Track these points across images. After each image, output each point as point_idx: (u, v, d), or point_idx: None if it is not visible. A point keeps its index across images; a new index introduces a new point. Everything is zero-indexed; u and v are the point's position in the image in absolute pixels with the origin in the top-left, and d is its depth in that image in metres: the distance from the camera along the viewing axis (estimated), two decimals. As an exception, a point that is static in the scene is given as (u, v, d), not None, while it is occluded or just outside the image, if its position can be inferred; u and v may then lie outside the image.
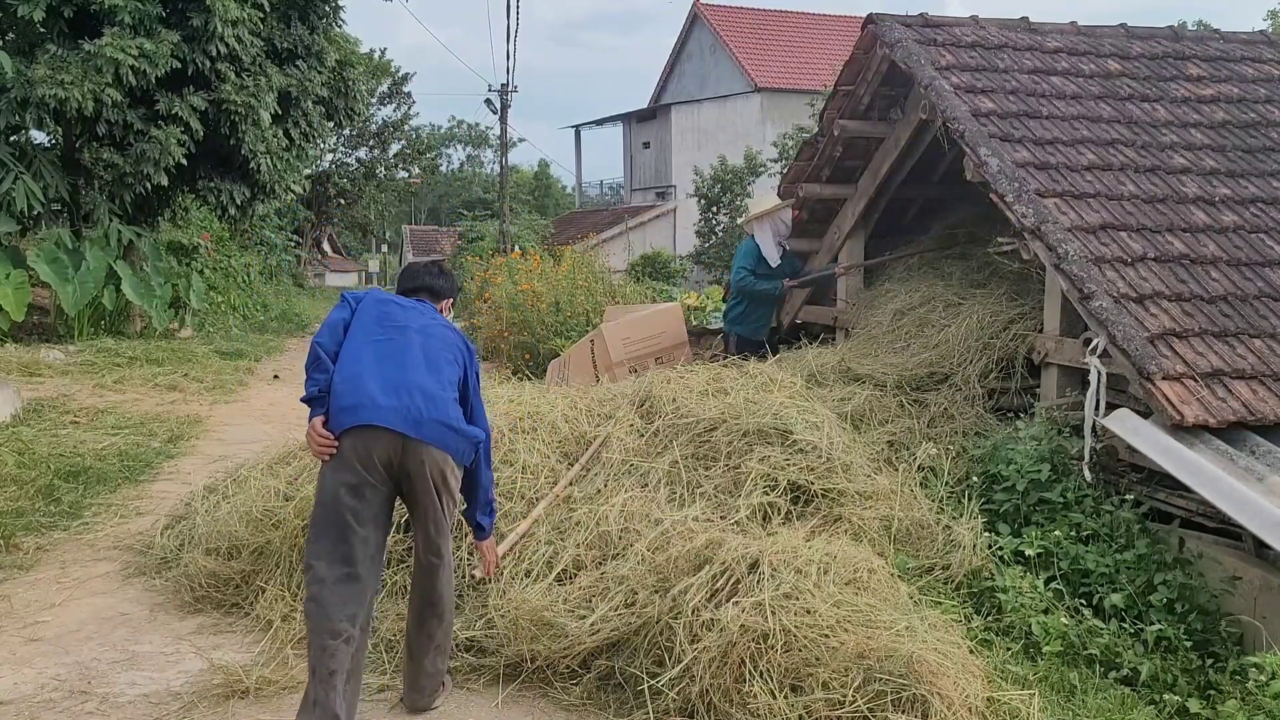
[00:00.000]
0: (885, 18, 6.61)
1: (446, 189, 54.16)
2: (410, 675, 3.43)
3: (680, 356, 7.27)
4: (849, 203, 7.51)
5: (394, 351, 3.33)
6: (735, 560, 3.47)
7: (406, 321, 3.44)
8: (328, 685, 3.06)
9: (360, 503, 3.18)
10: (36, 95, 10.65)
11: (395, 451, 3.20)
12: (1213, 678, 3.73)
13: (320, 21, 13.96)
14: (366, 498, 3.19)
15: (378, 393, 3.21)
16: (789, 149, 23.18)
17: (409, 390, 3.24)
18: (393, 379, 3.26)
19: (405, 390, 3.24)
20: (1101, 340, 4.75)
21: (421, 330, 3.44)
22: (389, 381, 3.25)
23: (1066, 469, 4.74)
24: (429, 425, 3.23)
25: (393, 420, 3.19)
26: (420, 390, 3.26)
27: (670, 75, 38.02)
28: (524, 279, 13.44)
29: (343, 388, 3.25)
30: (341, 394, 3.24)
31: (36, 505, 5.53)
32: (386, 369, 3.28)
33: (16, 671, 3.68)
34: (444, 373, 3.37)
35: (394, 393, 3.23)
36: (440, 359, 3.40)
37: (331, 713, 3.04)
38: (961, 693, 3.04)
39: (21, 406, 7.64)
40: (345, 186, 35.91)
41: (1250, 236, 5.50)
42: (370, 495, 3.20)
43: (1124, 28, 7.28)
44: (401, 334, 3.39)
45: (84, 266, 11.81)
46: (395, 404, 3.21)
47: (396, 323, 3.43)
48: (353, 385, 3.24)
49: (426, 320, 3.51)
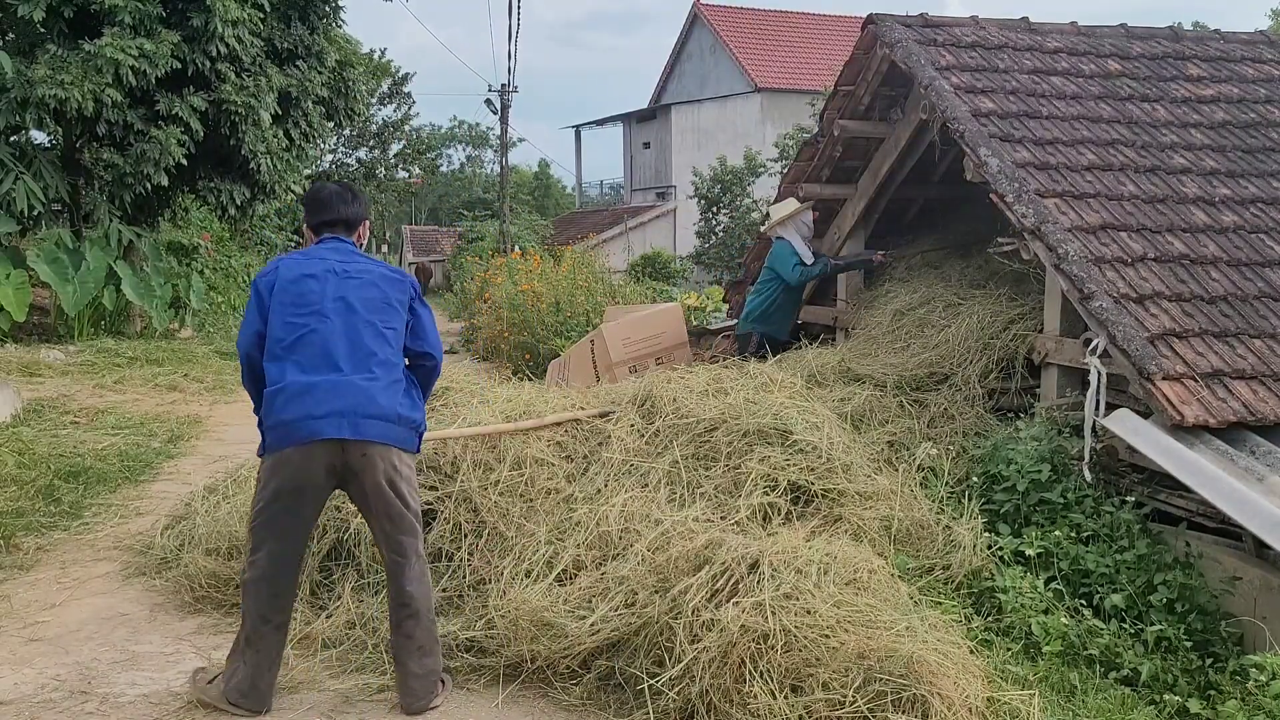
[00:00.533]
0: (885, 18, 6.61)
1: (446, 189, 54.14)
2: (399, 679, 3.39)
3: (680, 357, 7.27)
4: (849, 203, 7.51)
5: (319, 347, 3.22)
6: (735, 560, 3.47)
7: (323, 296, 3.27)
8: (254, 657, 3.30)
9: (303, 505, 3.26)
10: (36, 95, 10.65)
11: (337, 456, 3.20)
12: (1213, 678, 3.73)
13: (320, 22, 13.96)
14: (309, 499, 3.26)
15: (312, 404, 3.16)
16: (789, 149, 23.19)
17: (340, 391, 3.18)
18: (323, 383, 3.18)
19: (337, 392, 3.17)
20: (1101, 340, 4.75)
21: (341, 300, 3.27)
22: (319, 387, 3.17)
23: (1067, 469, 4.74)
24: (368, 423, 3.19)
25: (330, 429, 3.15)
26: (353, 387, 3.19)
27: (670, 75, 38.03)
28: (524, 279, 13.45)
29: (278, 400, 3.19)
30: (277, 406, 3.19)
31: (36, 505, 5.52)
32: (315, 372, 3.20)
33: (16, 671, 3.68)
34: (377, 342, 3.27)
35: (327, 397, 3.16)
36: (370, 326, 3.28)
37: (252, 682, 3.29)
38: (962, 693, 3.04)
39: (21, 406, 7.64)
40: (345, 186, 35.86)
41: (1250, 236, 5.51)
42: (313, 496, 3.27)
43: (1124, 28, 7.28)
44: (322, 321, 3.24)
45: (84, 266, 11.81)
46: (330, 409, 3.15)
47: (313, 307, 3.26)
48: (285, 399, 3.18)
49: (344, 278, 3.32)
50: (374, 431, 3.20)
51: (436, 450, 4.41)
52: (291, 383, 3.19)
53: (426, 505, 4.26)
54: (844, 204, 7.58)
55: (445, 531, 4.17)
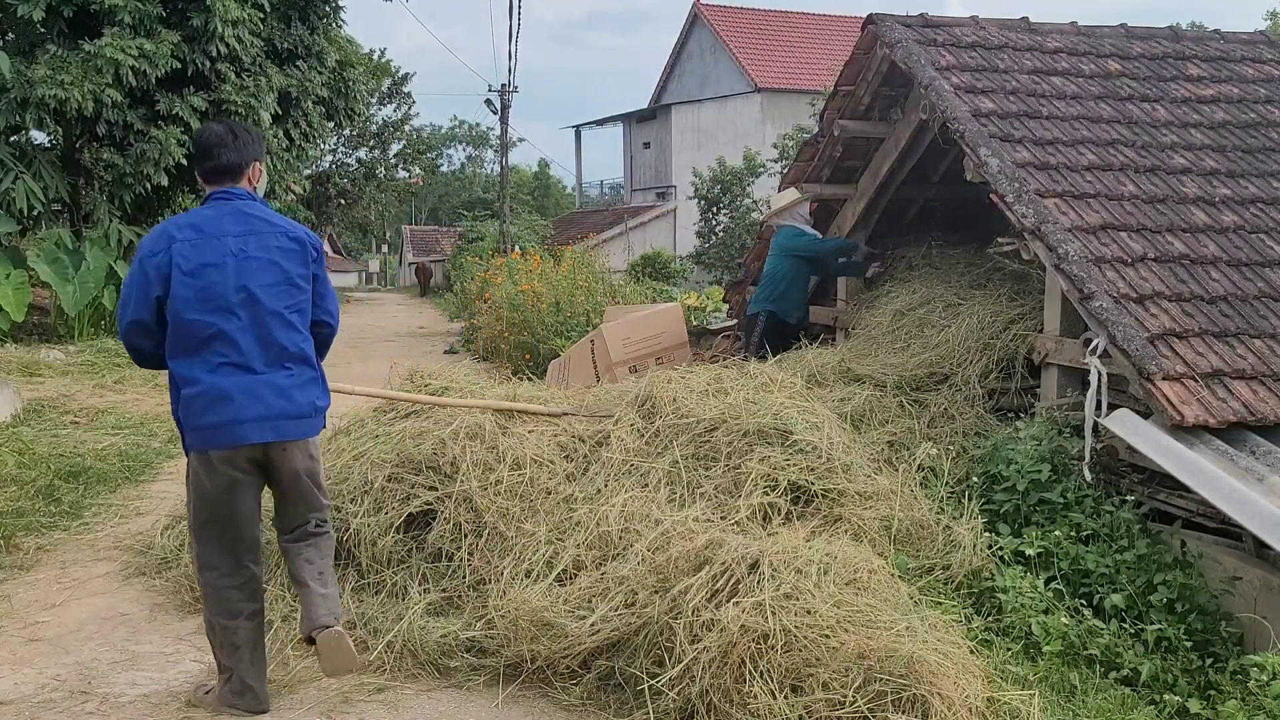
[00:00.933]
0: (885, 18, 6.60)
1: (446, 189, 54.14)
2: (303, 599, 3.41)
3: (680, 357, 7.27)
4: (849, 203, 7.51)
5: (231, 347, 3.19)
6: (735, 560, 3.47)
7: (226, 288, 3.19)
8: (235, 657, 3.30)
9: (238, 498, 3.30)
10: (36, 95, 10.66)
11: (259, 452, 3.28)
12: (1213, 678, 3.73)
13: (320, 22, 13.98)
14: (243, 493, 3.31)
15: (233, 410, 3.18)
16: (789, 149, 23.19)
17: (260, 395, 3.21)
18: (242, 385, 3.19)
19: (258, 396, 3.20)
20: (1101, 340, 4.75)
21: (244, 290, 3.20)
22: (239, 391, 3.18)
23: (1067, 469, 4.74)
24: (288, 424, 3.27)
25: (254, 435, 3.21)
26: (271, 389, 3.23)
27: (670, 75, 38.03)
28: (524, 279, 13.44)
29: (198, 404, 3.19)
30: (198, 412, 3.20)
31: (36, 505, 5.53)
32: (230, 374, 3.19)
33: (16, 671, 3.68)
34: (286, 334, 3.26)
35: (248, 402, 3.19)
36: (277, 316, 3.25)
37: (243, 682, 3.29)
38: (962, 693, 3.04)
39: (21, 406, 7.64)
40: (345, 187, 35.91)
41: (1250, 236, 5.50)
42: (246, 488, 3.32)
43: (1124, 28, 7.28)
44: (229, 319, 3.19)
45: (84, 266, 11.82)
46: (253, 414, 3.20)
47: (218, 303, 3.19)
48: (205, 404, 3.19)
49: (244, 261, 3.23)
50: (294, 431, 3.29)
51: (436, 450, 4.41)
52: (210, 387, 3.19)
53: (426, 505, 4.26)
54: (844, 204, 7.58)
55: (445, 531, 4.17)
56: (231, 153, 3.36)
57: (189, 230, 3.26)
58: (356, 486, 4.31)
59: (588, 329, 10.29)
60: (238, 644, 3.29)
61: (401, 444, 4.47)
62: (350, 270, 50.35)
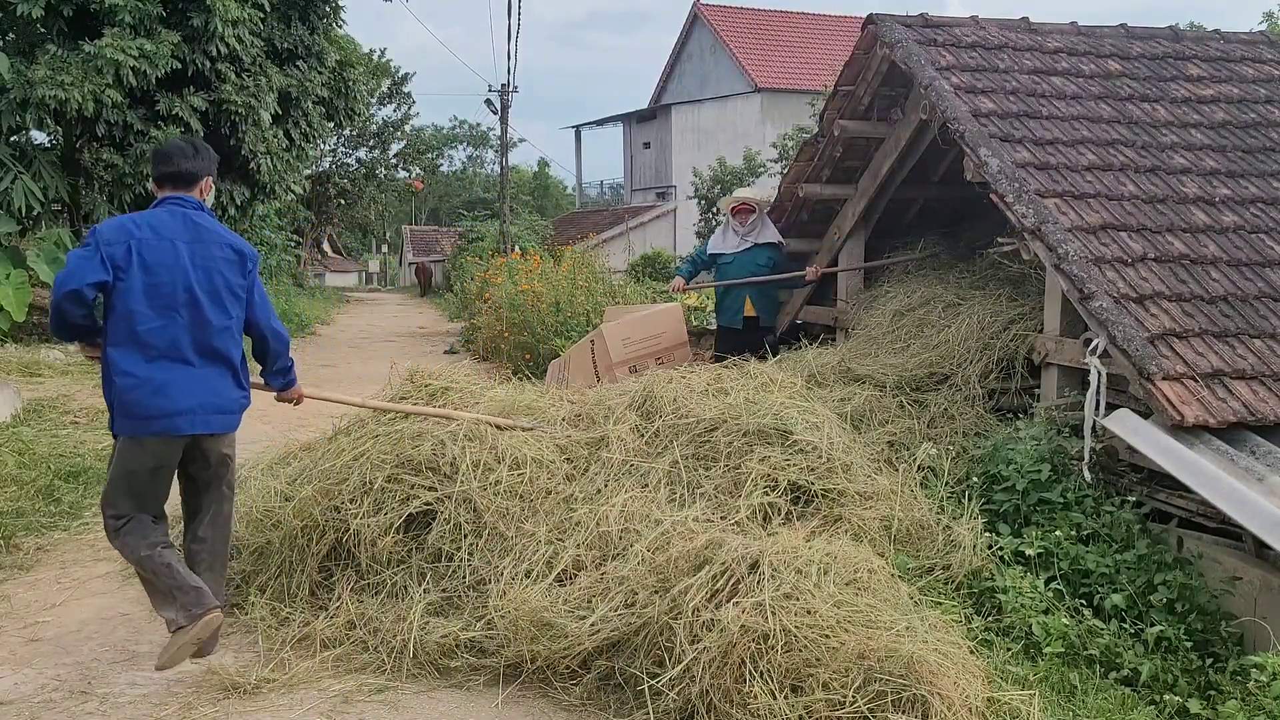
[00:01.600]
0: (885, 18, 6.60)
1: (446, 189, 54.13)
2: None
3: (680, 357, 7.27)
4: (849, 203, 7.51)
5: (171, 343, 3.50)
6: (735, 560, 3.47)
7: (175, 289, 3.49)
8: (170, 575, 3.49)
9: (159, 479, 3.63)
10: (36, 96, 10.65)
11: (187, 440, 3.62)
12: (1213, 678, 3.73)
13: (320, 22, 13.98)
14: (165, 475, 3.64)
15: (166, 402, 3.49)
16: (789, 149, 23.17)
17: (193, 389, 3.54)
18: (177, 379, 3.51)
19: (190, 390, 3.53)
20: (1101, 340, 4.75)
21: (189, 293, 3.51)
22: (174, 384, 3.50)
23: (1067, 469, 4.74)
24: (216, 418, 3.63)
25: (185, 426, 3.55)
26: (203, 385, 3.56)
27: (670, 75, 38.04)
28: (524, 279, 13.44)
29: (135, 394, 3.47)
30: (134, 401, 3.47)
31: (36, 505, 5.53)
32: (168, 367, 3.50)
33: (16, 671, 3.68)
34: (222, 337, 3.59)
35: (181, 395, 3.51)
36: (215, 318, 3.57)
37: (188, 584, 3.48)
38: (962, 693, 3.04)
39: (21, 406, 7.64)
40: (345, 187, 35.93)
41: (1250, 237, 5.50)
42: (168, 471, 3.65)
43: (1124, 28, 7.28)
44: (173, 318, 3.50)
45: (84, 267, 11.79)
46: (185, 406, 3.52)
47: (166, 301, 3.49)
48: (143, 395, 3.47)
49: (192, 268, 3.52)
50: (220, 425, 3.66)
51: (436, 451, 4.41)
52: (146, 379, 3.48)
53: (426, 506, 4.26)
54: (844, 204, 7.58)
55: (445, 532, 4.16)
56: (190, 163, 3.66)
57: (147, 229, 3.53)
58: (356, 487, 4.31)
59: (588, 329, 10.29)
60: (168, 561, 3.51)
61: (401, 444, 4.47)
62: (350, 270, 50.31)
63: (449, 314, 21.70)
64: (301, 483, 4.57)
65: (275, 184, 13.68)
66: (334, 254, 46.84)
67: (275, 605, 4.10)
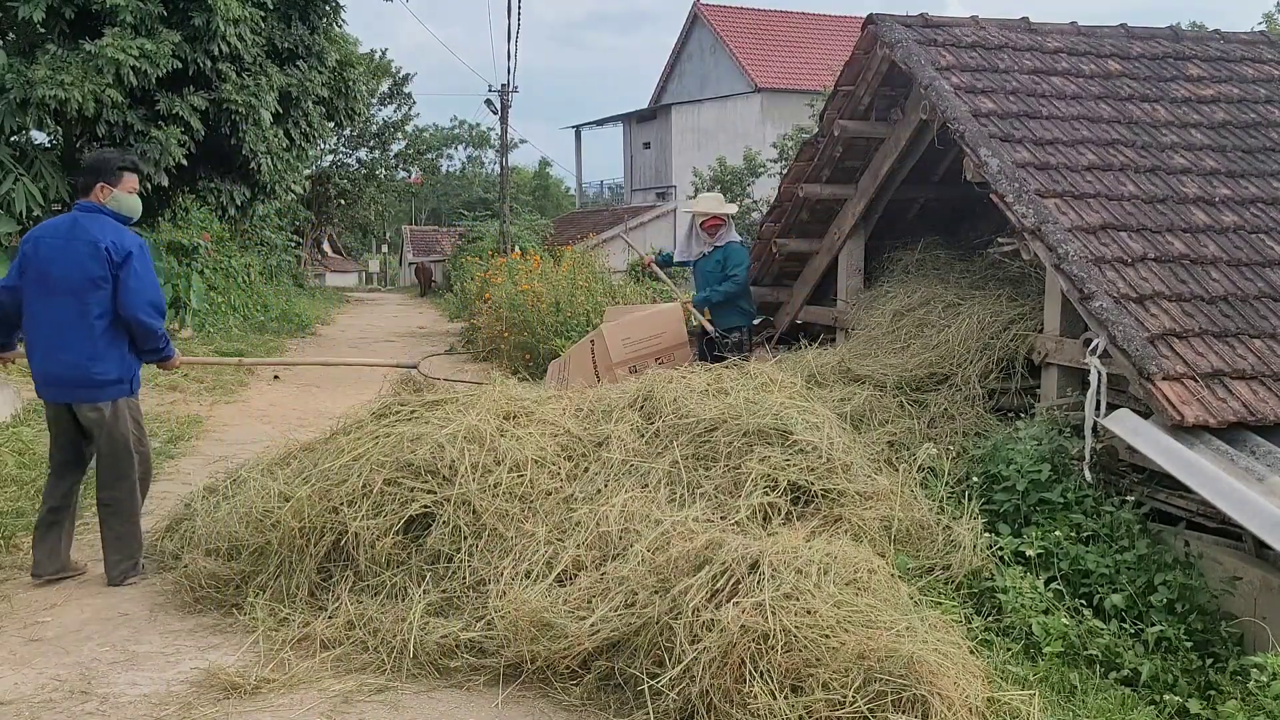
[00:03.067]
0: (885, 18, 6.60)
1: (447, 189, 54.12)
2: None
3: (680, 357, 7.27)
4: (849, 203, 7.51)
5: (47, 320, 4.35)
6: (735, 560, 3.47)
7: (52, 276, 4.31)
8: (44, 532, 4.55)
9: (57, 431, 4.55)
10: (37, 96, 10.64)
11: (65, 408, 4.46)
12: (1213, 678, 3.73)
13: (321, 21, 13.97)
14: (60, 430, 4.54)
15: (42, 373, 4.41)
16: (789, 149, 23.18)
17: (60, 362, 4.35)
18: (50, 355, 4.36)
19: (58, 362, 4.36)
20: (1102, 340, 4.75)
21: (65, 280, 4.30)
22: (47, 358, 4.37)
23: (1067, 469, 4.74)
24: (80, 390, 4.40)
25: (54, 395, 4.45)
26: (66, 361, 4.34)
27: (670, 75, 38.03)
28: (524, 279, 13.44)
29: (31, 358, 4.44)
30: (32, 364, 4.44)
31: (36, 505, 5.51)
32: (45, 344, 4.36)
33: (16, 671, 3.68)
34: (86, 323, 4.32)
35: (51, 365, 4.37)
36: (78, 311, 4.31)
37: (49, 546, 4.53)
38: (962, 693, 3.04)
39: (21, 406, 7.64)
40: (345, 187, 35.92)
41: (1250, 237, 5.50)
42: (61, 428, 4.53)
43: (1124, 28, 7.27)
44: (48, 302, 4.34)
45: (84, 267, 11.79)
46: (54, 375, 4.39)
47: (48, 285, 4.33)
48: (33, 361, 4.43)
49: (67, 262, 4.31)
50: (88, 397, 4.40)
51: (434, 454, 4.41)
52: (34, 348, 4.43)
53: (425, 509, 4.25)
54: (844, 204, 7.58)
55: (445, 534, 4.16)
56: (81, 176, 4.50)
57: (46, 229, 4.46)
58: (355, 489, 4.30)
59: (588, 329, 10.29)
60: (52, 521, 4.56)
61: (400, 447, 4.47)
62: (350, 270, 50.29)
63: (449, 314, 21.70)
64: (300, 483, 4.56)
65: (275, 184, 13.68)
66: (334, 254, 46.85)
67: (275, 606, 4.10)
